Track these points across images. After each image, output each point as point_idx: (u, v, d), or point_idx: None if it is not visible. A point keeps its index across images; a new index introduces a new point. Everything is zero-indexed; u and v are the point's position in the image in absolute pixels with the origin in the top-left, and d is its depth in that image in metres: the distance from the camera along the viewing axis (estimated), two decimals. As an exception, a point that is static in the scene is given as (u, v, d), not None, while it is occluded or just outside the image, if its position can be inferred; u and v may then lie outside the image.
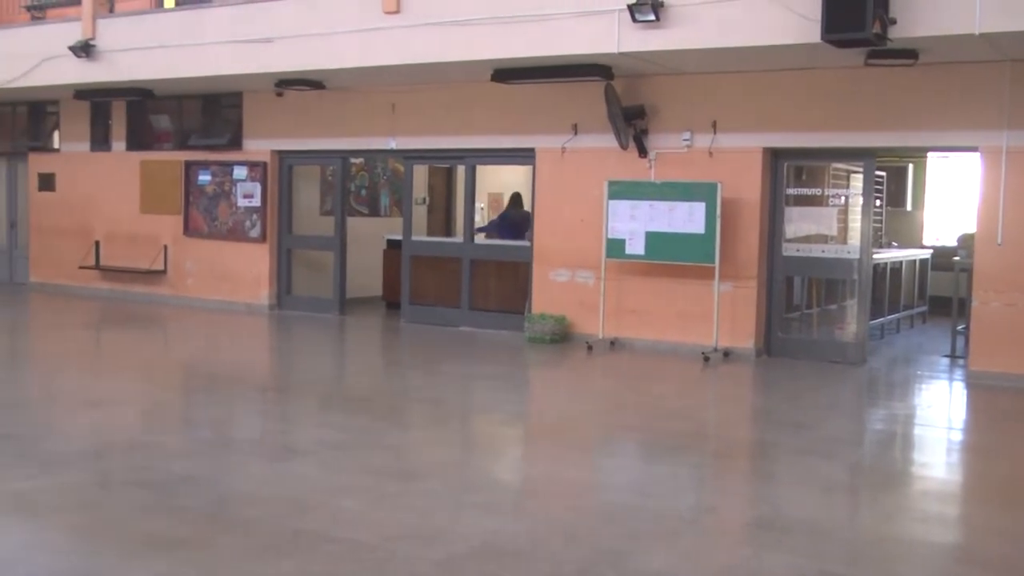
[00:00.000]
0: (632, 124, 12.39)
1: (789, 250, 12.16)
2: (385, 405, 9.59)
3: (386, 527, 5.72)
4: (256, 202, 15.57)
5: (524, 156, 13.58)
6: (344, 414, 8.99)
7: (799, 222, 12.40)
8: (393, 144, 14.42)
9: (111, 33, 14.90)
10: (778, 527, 5.95)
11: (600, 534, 5.78)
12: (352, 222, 15.74)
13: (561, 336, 12.91)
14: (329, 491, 6.41)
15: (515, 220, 15.17)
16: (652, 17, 10.51)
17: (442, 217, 18.25)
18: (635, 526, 5.88)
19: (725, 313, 12.04)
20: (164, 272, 16.70)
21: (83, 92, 16.24)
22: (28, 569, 5.10)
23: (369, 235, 16.55)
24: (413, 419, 9.14)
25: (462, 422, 9.30)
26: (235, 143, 15.85)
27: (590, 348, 12.50)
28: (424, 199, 17.34)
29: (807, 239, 12.40)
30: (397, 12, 12.07)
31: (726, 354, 11.96)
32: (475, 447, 8.50)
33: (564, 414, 9.36)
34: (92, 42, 14.90)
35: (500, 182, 17.69)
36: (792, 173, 12.32)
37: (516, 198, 15.53)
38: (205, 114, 16.42)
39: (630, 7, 10.55)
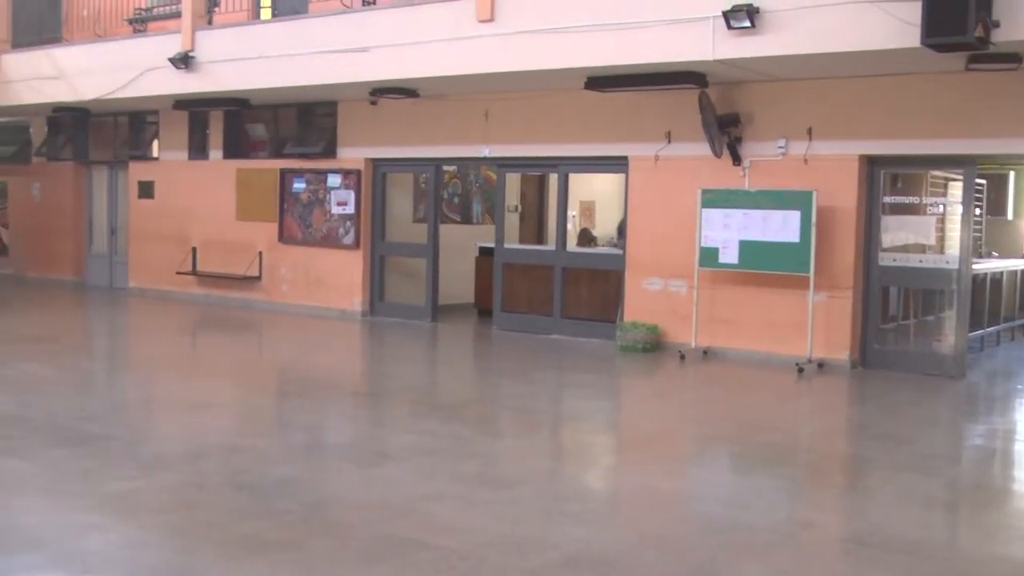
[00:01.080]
0: (726, 132, 12.28)
1: (885, 260, 11.94)
2: (477, 412, 9.61)
3: (478, 534, 5.73)
4: (350, 209, 15.73)
5: (617, 164, 13.54)
6: (436, 421, 9.03)
7: (896, 231, 12.17)
8: (486, 152, 14.47)
9: (210, 45, 15.18)
10: (876, 544, 5.83)
11: (694, 546, 5.73)
12: (444, 229, 15.82)
13: (653, 345, 12.84)
14: (422, 497, 6.44)
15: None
16: (747, 24, 10.41)
17: (534, 225, 18.26)
18: (729, 539, 5.81)
19: (820, 323, 11.87)
20: (259, 278, 16.95)
21: (182, 102, 16.57)
22: (129, 567, 5.23)
23: (461, 242, 16.61)
24: (505, 427, 9.15)
25: (554, 431, 9.29)
26: (330, 151, 16.04)
27: (682, 357, 12.41)
28: (516, 207, 17.37)
29: (904, 248, 12.15)
30: (491, 20, 12.12)
31: (820, 365, 11.79)
32: (567, 456, 8.48)
33: (656, 424, 9.30)
34: (191, 54, 15.20)
35: (592, 190, 17.66)
36: (889, 181, 12.10)
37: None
38: (300, 123, 16.64)
39: (725, 14, 10.47)
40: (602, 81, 12.36)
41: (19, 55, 18.44)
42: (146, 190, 18.91)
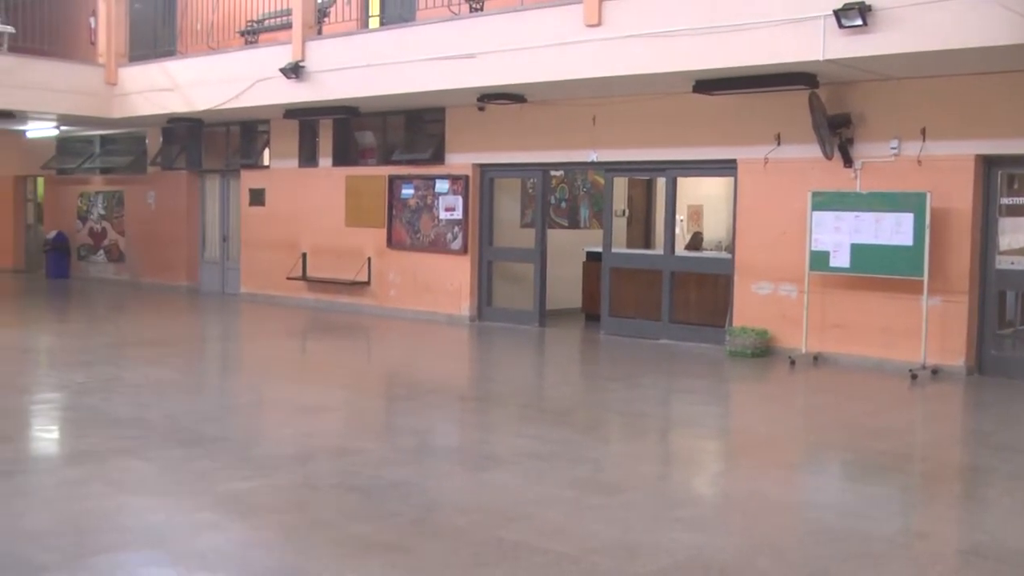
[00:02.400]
0: (837, 133, 12.09)
1: (1003, 263, 11.61)
2: (585, 417, 9.59)
3: (589, 539, 5.72)
4: (458, 215, 15.83)
5: (725, 167, 13.41)
6: (544, 425, 9.03)
7: (1014, 233, 11.83)
8: (594, 156, 14.45)
9: (319, 54, 15.41)
10: (995, 556, 5.68)
11: (807, 554, 5.64)
12: (552, 234, 15.82)
13: (762, 350, 12.68)
14: (532, 502, 6.45)
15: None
16: (859, 22, 10.23)
17: (641, 229, 18.18)
18: (843, 548, 5.70)
19: (934, 329, 11.60)
20: (368, 283, 17.15)
21: (292, 111, 16.85)
22: (245, 565, 5.35)
23: (569, 247, 16.61)
24: (614, 432, 9.12)
25: (663, 436, 9.23)
26: (437, 157, 16.17)
27: (792, 363, 12.24)
28: (624, 211, 17.31)
29: (1022, 251, 11.82)
30: (599, 25, 12.09)
31: (934, 372, 11.52)
32: (677, 461, 8.42)
33: (767, 430, 9.18)
34: (301, 63, 15.44)
35: (699, 194, 17.52)
36: (1006, 182, 11.77)
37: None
38: (408, 129, 16.80)
39: (836, 12, 10.30)
40: (710, 83, 12.26)
41: (136, 68, 18.95)
42: (257, 197, 19.27)
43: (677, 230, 15.00)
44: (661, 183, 15.60)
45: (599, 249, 15.16)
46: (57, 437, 8.67)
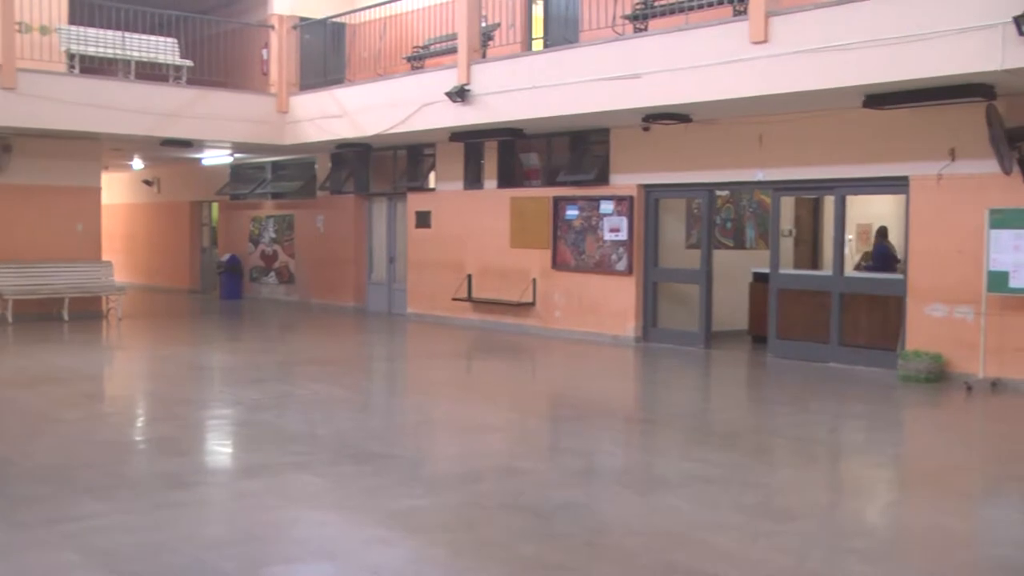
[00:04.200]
0: (1016, 147, 11.60)
1: None
2: (753, 442, 9.40)
3: (762, 567, 5.59)
4: (623, 236, 15.77)
5: (896, 185, 13.03)
6: (712, 449, 8.89)
7: None
8: (760, 176, 14.23)
9: (484, 77, 15.58)
10: None
11: (994, 586, 5.40)
12: (717, 255, 15.63)
13: (937, 375, 12.24)
14: (701, 526, 6.35)
15: (885, 253, 14.67)
16: (1042, 31, 9.81)
17: (809, 249, 17.81)
18: (1033, 579, 5.45)
19: None
20: (533, 304, 17.21)
21: (458, 134, 17.07)
22: (417, 585, 5.39)
23: (734, 268, 16.37)
24: (783, 457, 8.90)
25: (834, 462, 8.96)
26: (602, 178, 16.15)
27: (969, 389, 11.79)
28: (791, 231, 17.00)
29: None
30: (765, 41, 11.91)
31: None
32: (849, 489, 8.16)
33: (942, 459, 8.84)
34: (467, 87, 15.63)
35: (869, 213, 17.07)
36: None
37: (883, 231, 15.05)
38: (573, 150, 16.83)
39: (1016, 19, 9.86)
40: (881, 98, 11.94)
41: (306, 96, 19.48)
42: (423, 220, 19.56)
43: (846, 250, 14.62)
44: (829, 202, 15.25)
45: (766, 270, 14.90)
46: (233, 451, 8.92)
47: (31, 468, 7.79)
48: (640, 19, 14.17)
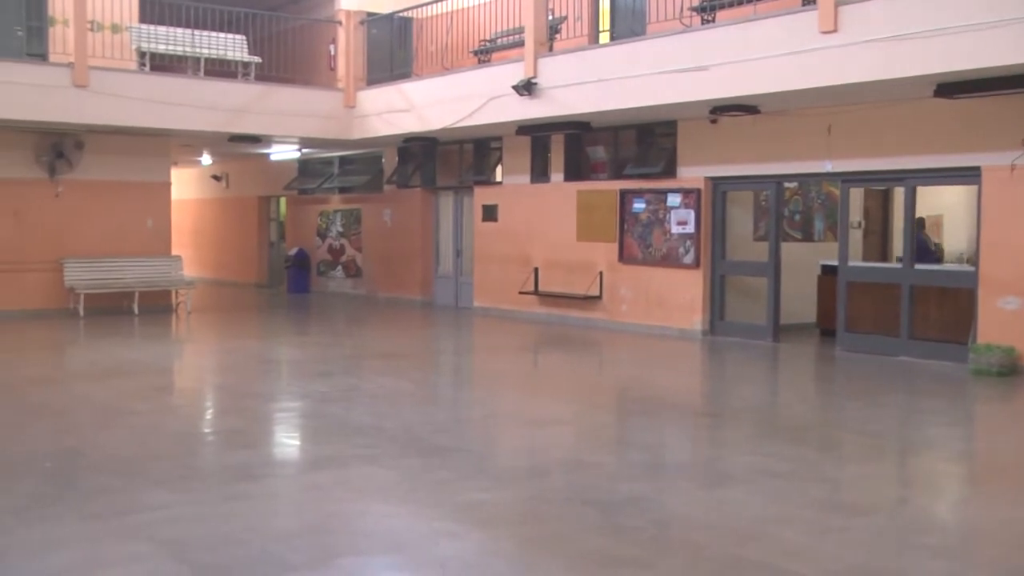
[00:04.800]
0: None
1: None
2: (822, 436, 9.30)
3: (833, 562, 5.53)
4: (690, 229, 15.67)
5: (968, 175, 12.80)
6: (780, 443, 8.80)
7: None
8: (829, 167, 14.06)
9: (551, 71, 15.54)
10: None
11: (1071, 584, 5.30)
12: (785, 247, 15.46)
13: (1009, 369, 12.01)
14: (770, 521, 6.29)
15: (922, 246, 14.51)
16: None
17: (878, 241, 17.58)
18: (1113, 578, 5.33)
19: None
20: (599, 298, 17.17)
21: (525, 128, 17.05)
22: (485, 575, 5.39)
23: (802, 260, 16.19)
24: (852, 452, 8.78)
25: (904, 457, 8.82)
26: (669, 171, 16.06)
27: (1045, 382, 11.58)
28: (859, 223, 16.78)
29: None
30: (834, 31, 11.74)
31: None
32: (920, 485, 8.03)
33: (1015, 454, 8.68)
34: (534, 80, 15.61)
35: (940, 203, 16.81)
36: None
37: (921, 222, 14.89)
38: (639, 143, 16.76)
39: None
40: (953, 87, 11.72)
41: (373, 91, 19.58)
42: (490, 213, 19.59)
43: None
44: (899, 193, 15.03)
45: (834, 262, 14.72)
46: (301, 444, 8.99)
47: (102, 460, 7.92)
48: (707, 10, 14.05)
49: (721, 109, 14.22)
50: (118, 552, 5.69)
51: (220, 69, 19.06)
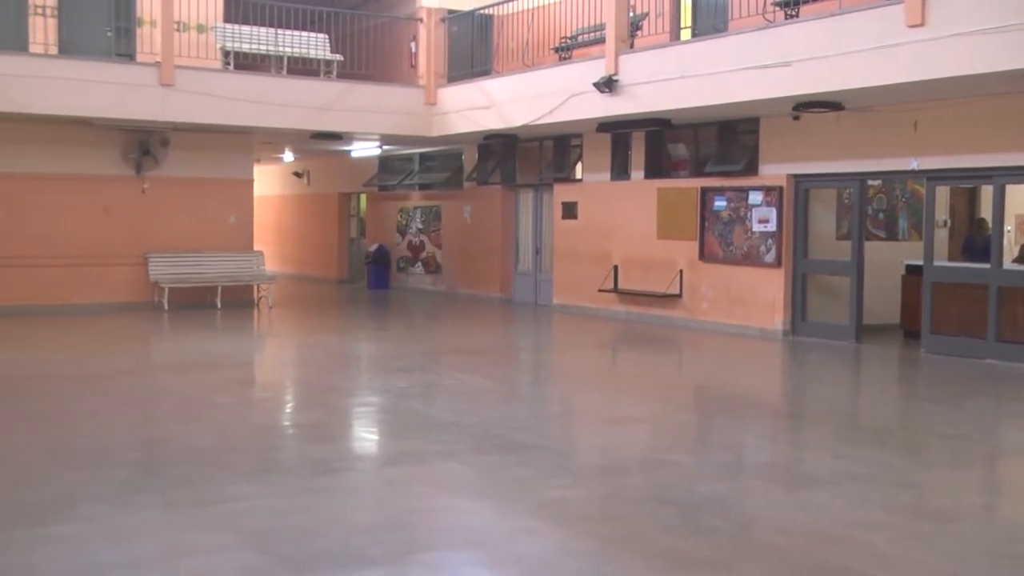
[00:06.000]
0: None
1: None
2: (906, 439, 9.13)
3: (919, 569, 5.43)
4: (771, 227, 15.49)
5: (1062, 174, 12.50)
6: (862, 446, 8.66)
7: None
8: (915, 164, 13.79)
9: (632, 67, 15.46)
10: None
11: None
12: (869, 246, 15.19)
13: (1104, 372, 11.72)
14: (853, 525, 6.18)
15: (979, 245, 14.17)
16: None
17: (964, 241, 17.21)
18: None
19: None
20: (679, 296, 17.05)
21: (605, 125, 16.98)
22: (561, 572, 5.39)
23: (886, 260, 15.92)
24: (937, 456, 8.57)
25: (992, 463, 8.62)
26: (751, 168, 15.89)
27: None
28: (945, 222, 16.46)
29: None
30: (922, 25, 11.50)
31: None
32: (1009, 492, 7.84)
33: (1113, 457, 8.47)
34: (615, 77, 15.53)
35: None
36: None
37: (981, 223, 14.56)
38: (721, 141, 16.60)
39: None
40: (1045, 83, 11.46)
41: (454, 88, 19.64)
42: (569, 211, 19.55)
43: (1004, 241, 14.08)
44: (986, 191, 14.71)
45: (919, 262, 14.45)
46: (380, 438, 9.04)
47: (186, 450, 8.03)
48: (791, 5, 13.88)
49: (804, 105, 14.02)
50: (201, 541, 5.77)
51: (303, 67, 19.26)
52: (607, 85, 15.57)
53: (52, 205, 18.26)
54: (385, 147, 23.48)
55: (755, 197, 15.74)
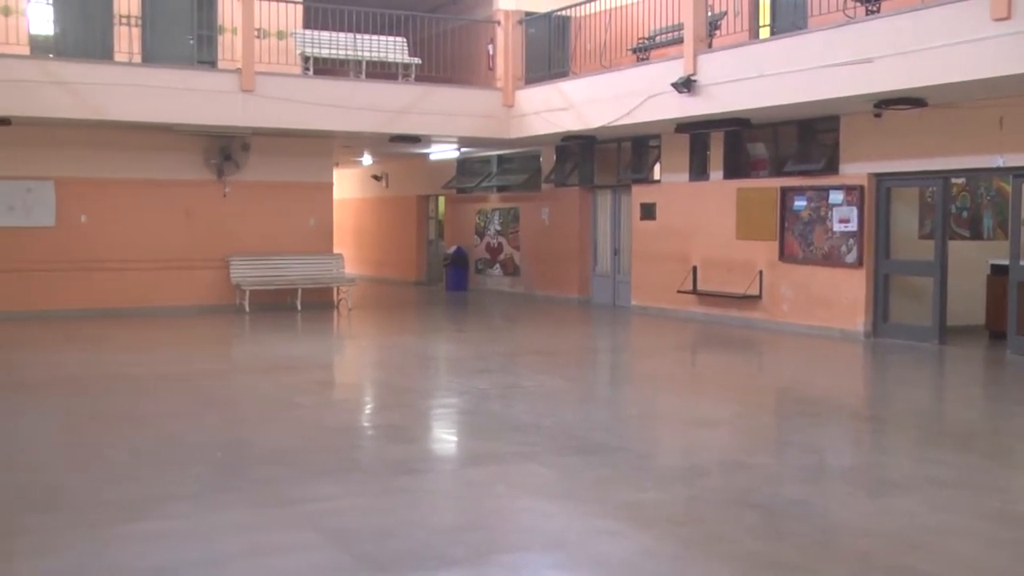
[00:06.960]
0: None
1: None
2: (992, 444, 8.96)
3: None
4: (852, 227, 15.29)
5: None
6: (947, 450, 8.50)
7: None
8: (1000, 162, 13.53)
9: (710, 67, 15.36)
10: None
11: None
12: (952, 246, 14.93)
13: None
14: (938, 531, 6.09)
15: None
16: None
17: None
18: None
19: None
20: (759, 297, 16.90)
21: (683, 125, 16.88)
22: (645, 575, 5.36)
23: (970, 260, 15.65)
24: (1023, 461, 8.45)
25: (1084, 464, 8.46)
26: (831, 167, 15.71)
27: None
28: (1031, 221, 16.12)
29: None
30: (1008, 18, 11.27)
31: None
32: (1101, 492, 7.69)
33: None
34: (693, 77, 15.45)
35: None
36: None
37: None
38: (800, 140, 16.43)
39: None
40: None
41: (531, 90, 19.67)
42: (648, 212, 19.48)
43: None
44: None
45: (1005, 262, 14.17)
46: (460, 440, 9.08)
47: (269, 450, 8.14)
48: (871, 1, 13.68)
49: (886, 103, 13.81)
50: (284, 540, 5.85)
51: (381, 71, 19.43)
52: (685, 85, 15.49)
53: (136, 209, 18.63)
54: (463, 149, 23.58)
55: (836, 196, 15.55)
